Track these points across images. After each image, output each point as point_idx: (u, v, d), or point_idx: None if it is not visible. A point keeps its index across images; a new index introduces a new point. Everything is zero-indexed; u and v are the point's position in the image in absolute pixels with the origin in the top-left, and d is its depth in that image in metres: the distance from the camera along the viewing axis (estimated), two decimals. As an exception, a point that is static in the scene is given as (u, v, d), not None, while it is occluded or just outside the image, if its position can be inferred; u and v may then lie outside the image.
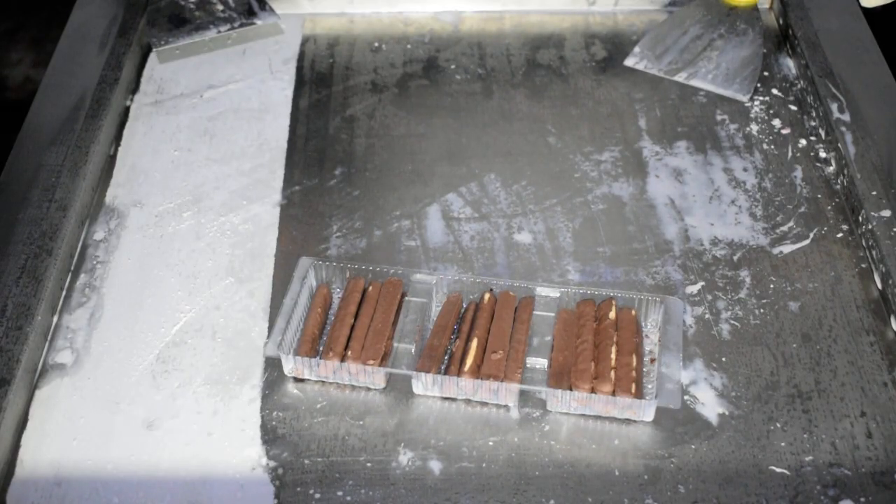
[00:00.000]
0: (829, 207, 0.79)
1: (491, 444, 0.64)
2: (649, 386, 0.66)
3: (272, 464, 0.63)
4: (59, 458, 0.63)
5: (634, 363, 0.66)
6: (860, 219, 0.76)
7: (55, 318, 0.72)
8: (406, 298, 0.70)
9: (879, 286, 0.72)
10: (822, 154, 0.83)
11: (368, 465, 0.63)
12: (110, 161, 0.84)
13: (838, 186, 0.80)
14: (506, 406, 0.66)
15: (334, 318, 0.69)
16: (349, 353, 0.66)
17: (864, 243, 0.75)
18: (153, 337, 0.70)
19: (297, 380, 0.67)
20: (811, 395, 0.66)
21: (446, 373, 0.66)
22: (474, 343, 0.67)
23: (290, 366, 0.67)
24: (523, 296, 0.71)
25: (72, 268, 0.75)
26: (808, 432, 0.64)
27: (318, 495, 0.61)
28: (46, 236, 0.74)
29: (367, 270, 0.71)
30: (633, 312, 0.69)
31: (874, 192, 0.76)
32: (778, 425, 0.64)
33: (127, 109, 0.89)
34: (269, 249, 0.76)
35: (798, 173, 0.81)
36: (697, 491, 0.61)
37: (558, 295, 0.70)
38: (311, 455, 0.63)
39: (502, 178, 0.82)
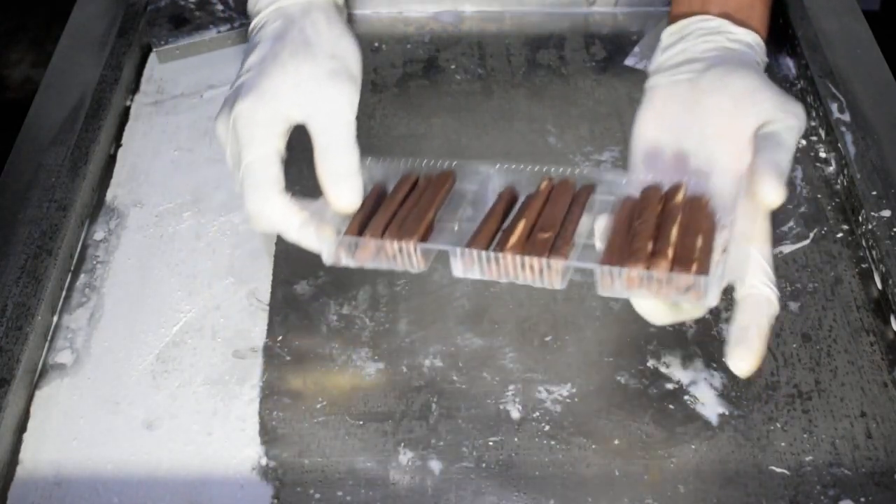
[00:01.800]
0: (829, 207, 0.79)
1: (491, 444, 0.64)
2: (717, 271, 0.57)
3: (272, 464, 0.63)
4: (59, 458, 0.64)
5: (699, 244, 0.57)
6: (860, 219, 0.76)
7: (55, 318, 0.72)
8: (457, 186, 0.67)
9: (879, 286, 0.72)
10: (822, 154, 0.83)
11: (368, 465, 0.63)
12: (110, 161, 0.84)
13: (838, 186, 0.80)
14: (507, 410, 0.66)
15: (380, 208, 0.65)
16: (387, 233, 0.62)
17: (864, 243, 0.75)
18: (153, 337, 0.70)
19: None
20: (811, 395, 0.66)
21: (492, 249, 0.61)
22: (522, 223, 0.61)
23: (327, 251, 0.63)
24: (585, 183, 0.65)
25: (72, 268, 0.75)
26: (808, 432, 0.64)
27: (318, 495, 0.61)
28: (46, 236, 0.74)
29: (423, 166, 0.68)
30: (707, 200, 0.61)
31: (874, 192, 0.76)
32: (778, 425, 0.64)
33: (127, 109, 0.89)
34: (269, 249, 0.76)
35: (798, 173, 0.81)
36: (697, 491, 0.61)
37: (624, 181, 0.64)
38: (311, 455, 0.63)
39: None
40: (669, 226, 0.58)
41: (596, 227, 0.62)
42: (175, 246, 0.77)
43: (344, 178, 0.63)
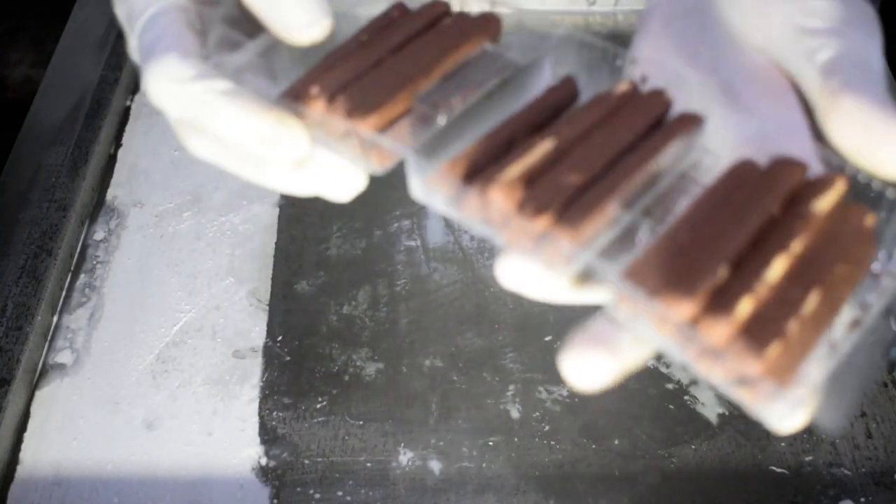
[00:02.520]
0: (829, 207, 0.78)
1: (491, 444, 0.64)
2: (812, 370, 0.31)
3: (272, 464, 0.63)
4: (59, 458, 0.64)
5: (811, 305, 0.31)
6: (860, 219, 0.76)
7: (55, 318, 0.72)
8: (486, 48, 0.40)
9: (879, 286, 0.72)
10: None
11: (368, 465, 0.63)
12: (110, 161, 0.84)
13: (838, 186, 0.80)
14: (507, 410, 0.66)
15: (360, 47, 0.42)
16: (339, 99, 0.38)
17: (864, 243, 0.75)
18: (153, 337, 0.70)
19: None
20: (811, 395, 0.66)
21: (474, 180, 0.35)
22: (543, 145, 0.35)
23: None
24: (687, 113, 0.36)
25: (72, 268, 0.75)
26: (808, 432, 0.64)
27: (318, 495, 0.61)
28: (46, 236, 0.74)
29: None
30: (870, 221, 0.36)
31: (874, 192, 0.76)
32: (778, 425, 0.64)
33: (127, 109, 0.89)
34: (269, 249, 0.76)
35: (798, 173, 0.81)
36: (697, 491, 0.61)
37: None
38: (311, 455, 0.63)
39: (502, 178, 0.82)
40: (776, 252, 0.32)
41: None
42: (175, 246, 0.77)
43: None
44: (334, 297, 0.73)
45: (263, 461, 0.63)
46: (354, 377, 0.68)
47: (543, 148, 0.34)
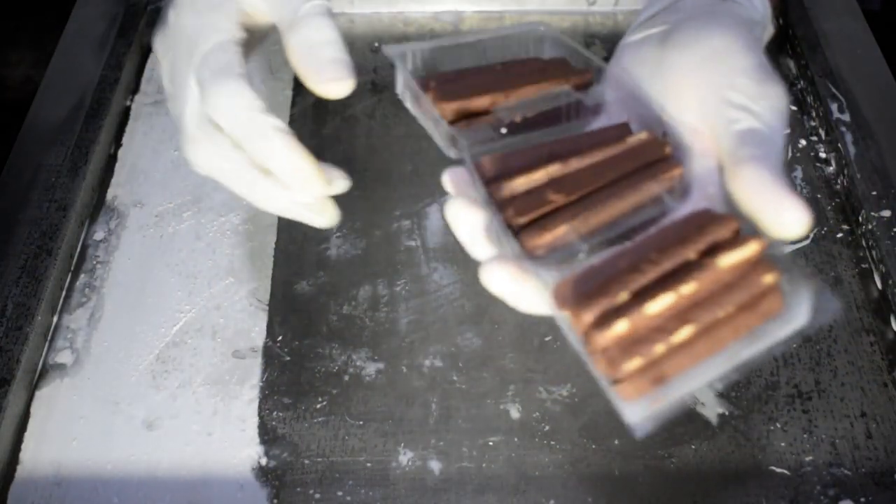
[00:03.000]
0: (829, 207, 0.78)
1: (491, 444, 0.64)
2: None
3: (272, 464, 0.63)
4: (59, 458, 0.64)
5: (683, 338, 0.40)
6: (860, 219, 0.76)
7: (55, 318, 0.72)
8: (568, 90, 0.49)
9: (879, 286, 0.72)
10: (822, 154, 0.83)
11: (368, 465, 0.63)
12: (110, 161, 0.84)
13: (838, 186, 0.80)
14: (507, 410, 0.66)
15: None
16: (434, 87, 0.48)
17: (864, 243, 0.75)
18: (153, 337, 0.70)
19: None
20: (811, 395, 0.66)
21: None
22: (544, 171, 0.45)
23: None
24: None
25: (72, 268, 0.75)
26: (808, 432, 0.64)
27: (318, 495, 0.61)
28: (46, 236, 0.74)
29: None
30: (771, 279, 0.42)
31: (874, 192, 0.76)
32: (778, 425, 0.64)
33: (127, 109, 0.89)
34: (269, 249, 0.76)
35: (798, 173, 0.81)
36: (697, 491, 0.61)
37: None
38: (311, 455, 0.63)
39: (502, 178, 0.82)
40: (666, 290, 0.40)
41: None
42: (175, 246, 0.77)
43: (329, 57, 0.48)
44: (334, 297, 0.73)
45: (263, 461, 0.63)
46: (354, 377, 0.68)
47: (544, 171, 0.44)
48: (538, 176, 0.44)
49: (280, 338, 0.70)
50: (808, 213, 0.42)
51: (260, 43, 0.54)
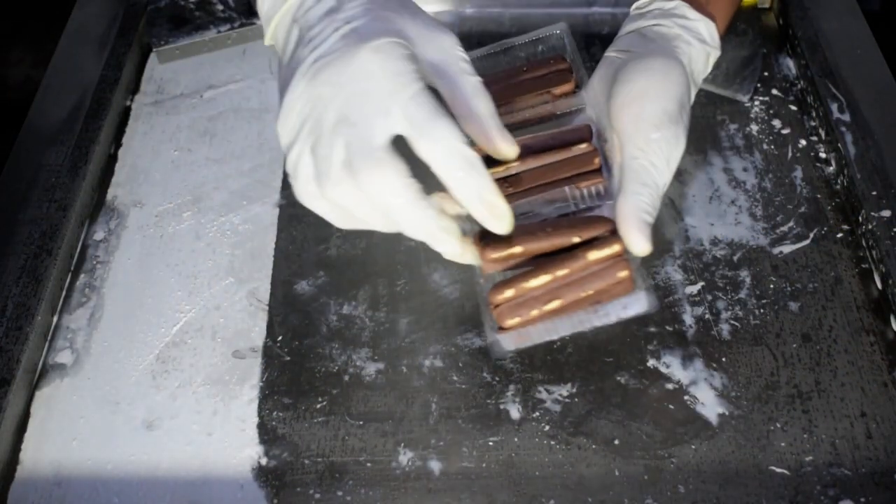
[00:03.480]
0: (829, 207, 0.79)
1: (491, 444, 0.64)
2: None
3: (272, 464, 0.63)
4: (59, 458, 0.64)
5: (551, 307, 0.59)
6: (860, 219, 0.76)
7: (55, 318, 0.72)
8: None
9: (879, 286, 0.72)
10: (822, 154, 0.83)
11: (368, 465, 0.63)
12: (110, 161, 0.84)
13: (838, 186, 0.80)
14: (507, 410, 0.66)
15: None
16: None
17: (864, 243, 0.75)
18: (153, 337, 0.70)
19: None
20: (811, 395, 0.66)
21: None
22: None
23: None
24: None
25: (72, 268, 0.75)
26: (808, 432, 0.64)
27: (318, 495, 0.61)
28: (46, 236, 0.74)
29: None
30: (624, 273, 0.59)
31: (874, 192, 0.76)
32: (778, 425, 0.64)
33: (127, 109, 0.89)
34: (269, 249, 0.76)
35: (798, 173, 0.81)
36: (697, 491, 0.61)
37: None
38: (311, 455, 0.63)
39: (502, 178, 0.82)
40: (546, 271, 0.59)
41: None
42: (175, 246, 0.77)
43: (496, 125, 0.58)
44: (334, 297, 0.73)
45: (263, 461, 0.63)
46: (354, 377, 0.68)
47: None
48: (497, 170, 0.60)
49: (280, 338, 0.70)
50: (647, 246, 0.59)
51: None
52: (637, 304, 0.60)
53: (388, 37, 0.55)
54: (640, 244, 0.59)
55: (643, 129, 0.60)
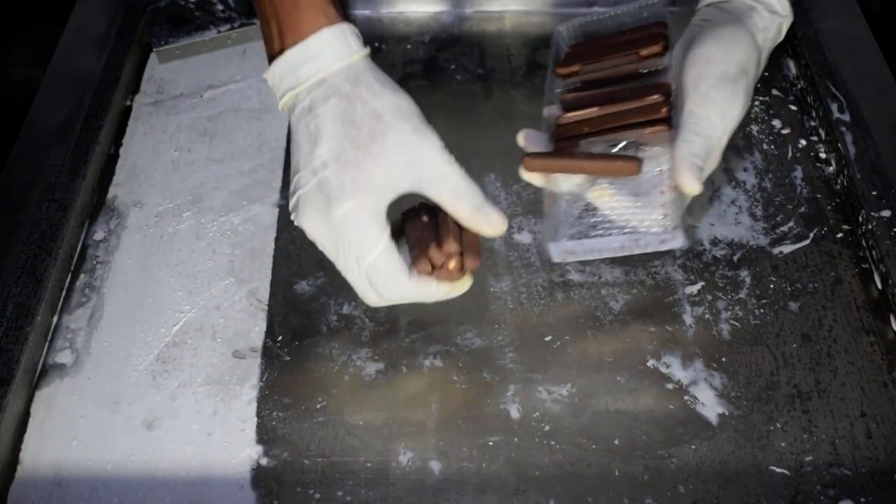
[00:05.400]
0: (829, 207, 0.79)
1: (491, 444, 0.64)
2: None
3: (271, 464, 0.63)
4: (59, 458, 0.64)
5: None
6: (860, 219, 0.76)
7: (55, 318, 0.72)
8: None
9: (879, 286, 0.72)
10: (822, 154, 0.83)
11: (368, 465, 0.63)
12: (110, 161, 0.84)
13: (838, 186, 0.80)
14: (507, 410, 0.66)
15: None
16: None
17: (864, 243, 0.75)
18: (153, 337, 0.70)
19: None
20: (811, 395, 0.66)
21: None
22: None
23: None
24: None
25: (72, 268, 0.75)
26: (808, 432, 0.64)
27: (318, 495, 0.61)
28: (46, 236, 0.74)
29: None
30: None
31: (874, 192, 0.76)
32: (778, 425, 0.64)
33: (127, 109, 0.89)
34: (269, 249, 0.76)
35: (798, 173, 0.81)
36: (697, 491, 0.61)
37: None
38: (311, 455, 0.63)
39: (502, 178, 0.82)
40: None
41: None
42: (175, 246, 0.77)
43: (480, 206, 0.63)
44: (334, 297, 0.73)
45: (263, 461, 0.63)
46: (354, 377, 0.68)
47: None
48: (579, 114, 0.70)
49: (280, 338, 0.70)
50: (697, 186, 0.65)
51: None
52: (674, 240, 0.65)
53: (355, 197, 0.61)
54: (690, 183, 0.64)
55: (702, 87, 0.67)
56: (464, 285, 0.65)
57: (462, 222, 0.63)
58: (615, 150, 0.68)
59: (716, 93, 0.67)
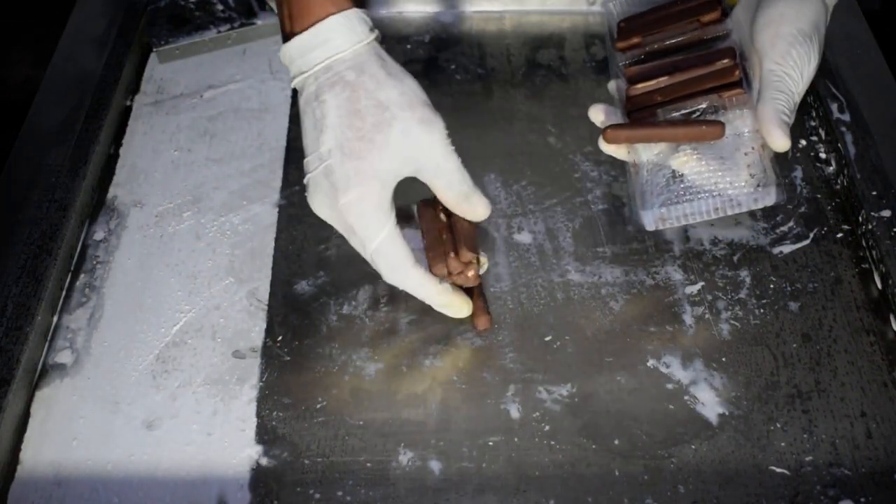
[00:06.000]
0: (829, 207, 0.79)
1: (491, 444, 0.64)
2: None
3: (271, 464, 0.63)
4: (59, 458, 0.64)
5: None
6: (860, 219, 0.76)
7: (55, 318, 0.72)
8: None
9: (879, 286, 0.72)
10: (822, 154, 0.83)
11: (368, 465, 0.63)
12: (110, 161, 0.84)
13: (838, 186, 0.80)
14: (507, 410, 0.66)
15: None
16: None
17: (864, 243, 0.75)
18: (153, 337, 0.70)
19: None
20: (811, 395, 0.66)
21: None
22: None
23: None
24: None
25: (72, 268, 0.75)
26: (808, 432, 0.64)
27: (318, 495, 0.61)
28: (46, 236, 0.74)
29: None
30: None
31: (874, 192, 0.76)
32: (778, 425, 0.64)
33: (127, 109, 0.89)
34: (269, 249, 0.76)
35: (798, 173, 0.81)
36: (697, 491, 0.61)
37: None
38: (311, 455, 0.63)
39: (502, 178, 0.82)
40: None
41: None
42: (175, 246, 0.77)
43: (468, 195, 0.67)
44: (334, 297, 0.73)
45: (263, 461, 0.63)
46: (354, 377, 0.68)
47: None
48: (649, 84, 0.71)
49: (280, 338, 0.70)
50: (786, 142, 0.66)
51: None
52: (767, 197, 0.67)
53: (359, 187, 0.63)
54: (780, 140, 0.65)
55: (780, 45, 0.68)
56: (461, 310, 0.69)
57: (449, 208, 0.68)
58: (693, 116, 0.70)
59: (795, 50, 0.67)
